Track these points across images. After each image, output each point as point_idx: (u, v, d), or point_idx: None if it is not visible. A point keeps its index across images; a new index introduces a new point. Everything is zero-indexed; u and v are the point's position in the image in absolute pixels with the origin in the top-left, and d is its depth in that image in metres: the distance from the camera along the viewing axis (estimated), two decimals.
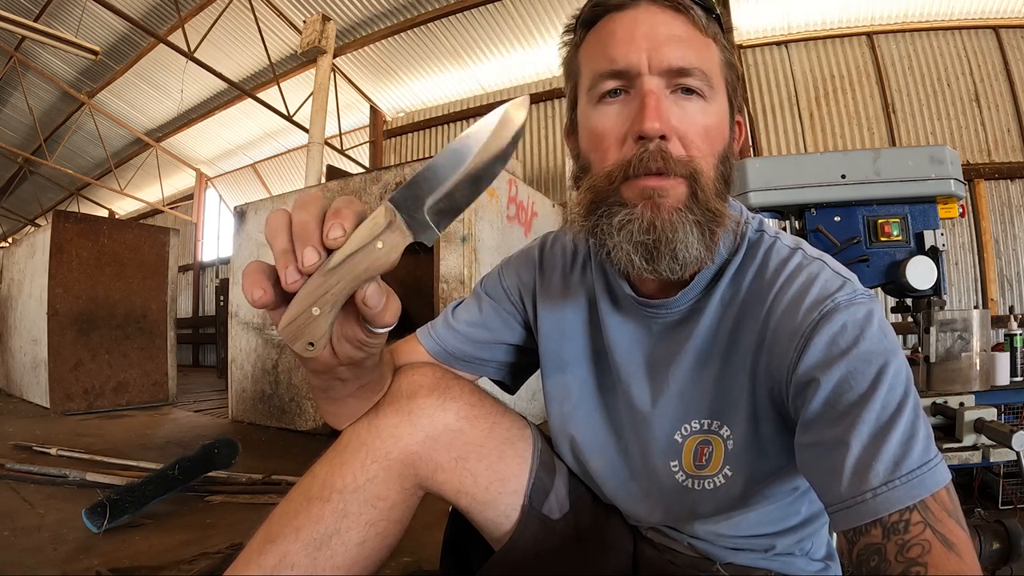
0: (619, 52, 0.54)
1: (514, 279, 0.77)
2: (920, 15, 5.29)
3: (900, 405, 0.46)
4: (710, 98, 0.55)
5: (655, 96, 0.52)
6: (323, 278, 0.41)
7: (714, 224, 0.55)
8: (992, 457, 1.52)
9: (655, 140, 0.52)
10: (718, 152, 0.56)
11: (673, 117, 0.53)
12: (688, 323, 0.62)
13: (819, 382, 0.49)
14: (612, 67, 0.54)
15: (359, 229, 0.41)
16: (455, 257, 3.06)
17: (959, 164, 1.74)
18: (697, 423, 0.62)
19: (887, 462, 0.44)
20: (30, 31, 5.07)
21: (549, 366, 0.74)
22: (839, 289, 0.52)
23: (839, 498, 0.46)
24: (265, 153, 9.26)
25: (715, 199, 0.55)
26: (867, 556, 0.44)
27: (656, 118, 0.51)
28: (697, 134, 0.54)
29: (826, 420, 0.48)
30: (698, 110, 0.54)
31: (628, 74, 0.54)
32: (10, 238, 11.98)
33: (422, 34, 6.22)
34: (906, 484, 0.43)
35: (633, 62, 0.53)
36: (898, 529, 0.43)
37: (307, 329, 0.42)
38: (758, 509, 0.62)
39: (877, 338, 0.49)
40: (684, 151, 0.53)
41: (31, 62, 7.51)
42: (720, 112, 0.56)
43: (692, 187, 0.54)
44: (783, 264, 0.57)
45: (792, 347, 0.52)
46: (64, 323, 4.23)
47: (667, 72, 0.53)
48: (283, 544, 0.56)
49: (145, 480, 1.94)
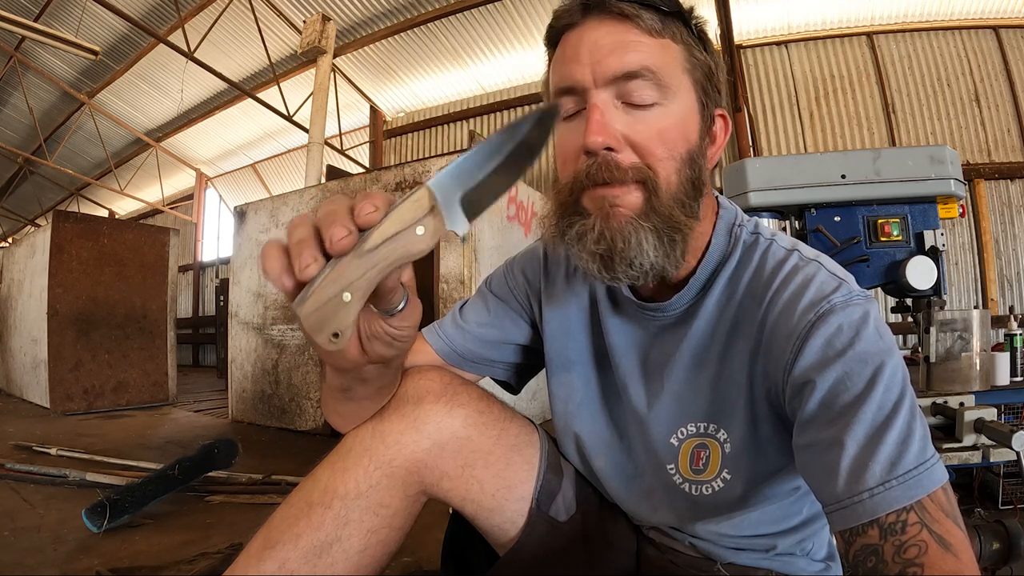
0: (567, 70, 0.55)
1: (520, 279, 0.78)
2: (920, 15, 5.29)
3: (896, 405, 0.47)
4: (666, 99, 0.54)
5: (598, 110, 0.53)
6: (359, 260, 0.37)
7: (673, 231, 0.54)
8: (992, 457, 1.52)
9: (601, 152, 0.52)
10: (679, 155, 0.55)
11: (622, 126, 0.53)
12: (684, 325, 0.62)
13: (815, 383, 0.49)
14: (563, 85, 0.55)
15: (400, 210, 0.38)
16: (455, 257, 3.06)
17: (959, 164, 1.74)
18: (693, 426, 0.62)
19: (883, 462, 0.44)
20: (30, 31, 5.06)
21: (554, 365, 0.74)
22: (835, 290, 0.52)
23: (836, 498, 0.46)
24: (265, 153, 9.26)
25: (674, 206, 0.54)
26: (864, 557, 0.44)
27: (598, 132, 0.52)
28: (650, 140, 0.53)
29: (822, 421, 0.48)
30: (652, 115, 0.54)
31: (576, 90, 0.54)
32: (10, 238, 11.98)
33: (422, 34, 6.22)
34: (903, 484, 0.44)
35: (578, 78, 0.54)
36: (895, 530, 0.43)
37: (335, 317, 0.38)
38: (759, 509, 0.62)
39: (873, 339, 0.49)
40: (638, 159, 0.53)
41: (31, 62, 7.51)
42: (679, 112, 0.55)
43: (647, 193, 0.53)
44: (779, 266, 0.57)
45: (788, 348, 0.52)
46: (64, 323, 4.23)
47: (612, 81, 0.53)
48: (282, 551, 0.55)
49: (145, 480, 1.94)
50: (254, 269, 3.96)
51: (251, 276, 3.94)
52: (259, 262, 0.40)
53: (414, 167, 3.33)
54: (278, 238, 0.40)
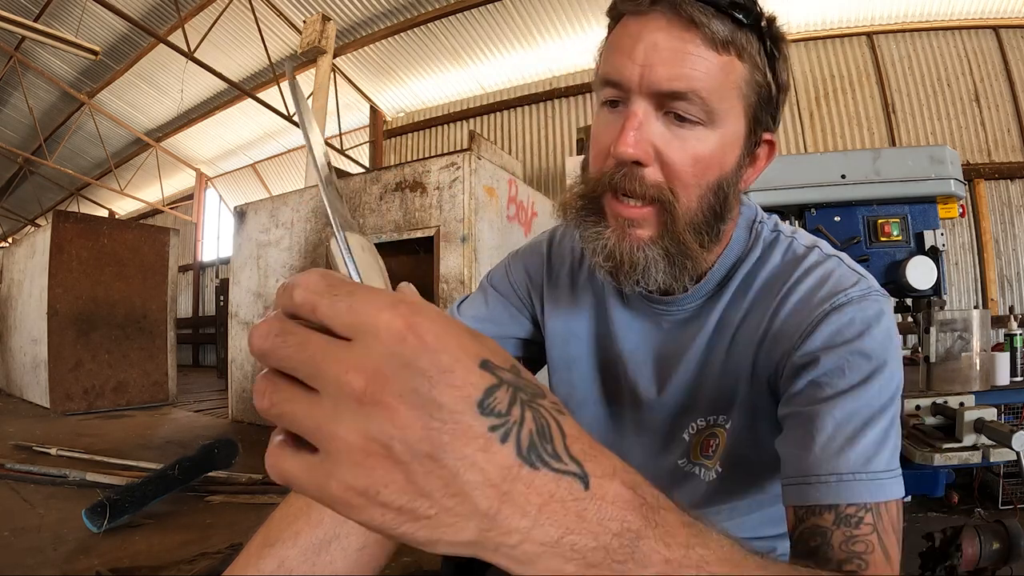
0: (617, 63, 0.52)
1: (522, 274, 0.77)
2: (920, 15, 5.29)
3: (883, 408, 0.48)
4: (711, 124, 0.51)
5: (635, 120, 0.50)
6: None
7: (684, 257, 0.54)
8: (992, 457, 1.52)
9: (628, 164, 0.51)
10: (709, 183, 0.53)
11: (658, 141, 0.51)
12: (699, 320, 0.62)
13: (813, 364, 0.50)
14: (609, 76, 0.53)
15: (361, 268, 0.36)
16: (455, 257, 3.06)
17: (959, 164, 1.74)
18: (703, 420, 0.62)
19: (859, 455, 0.45)
20: (30, 31, 5.07)
21: (555, 363, 0.73)
22: (854, 284, 0.53)
23: (802, 471, 0.47)
24: (265, 153, 9.27)
25: (688, 232, 0.53)
26: (810, 536, 0.45)
27: (630, 144, 0.50)
28: (683, 163, 0.51)
29: (810, 397, 0.49)
30: (693, 136, 0.51)
31: (621, 87, 0.52)
32: (10, 238, 11.98)
33: (422, 34, 6.22)
34: (872, 482, 0.45)
35: (625, 77, 0.51)
36: (850, 522, 0.44)
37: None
38: (760, 511, 0.62)
39: (881, 338, 0.50)
40: (663, 178, 0.52)
41: (31, 62, 7.51)
42: (722, 139, 0.52)
43: (663, 217, 0.52)
44: (798, 261, 0.57)
45: (797, 334, 0.52)
46: (64, 323, 4.23)
47: (656, 94, 0.50)
48: (281, 549, 0.55)
49: (145, 480, 1.94)
50: (254, 269, 3.96)
51: (251, 276, 3.94)
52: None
53: (414, 167, 3.33)
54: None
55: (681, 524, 0.26)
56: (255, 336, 0.24)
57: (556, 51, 6.14)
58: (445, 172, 3.19)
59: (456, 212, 3.11)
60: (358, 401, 0.21)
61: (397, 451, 0.21)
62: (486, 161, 3.32)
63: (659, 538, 0.25)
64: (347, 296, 0.22)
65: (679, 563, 0.25)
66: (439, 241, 3.12)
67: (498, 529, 0.22)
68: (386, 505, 0.21)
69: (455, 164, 3.16)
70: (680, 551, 0.25)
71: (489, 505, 0.22)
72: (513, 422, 0.22)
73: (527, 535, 0.22)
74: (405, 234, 3.24)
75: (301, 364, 0.22)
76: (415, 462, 0.21)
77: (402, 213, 3.30)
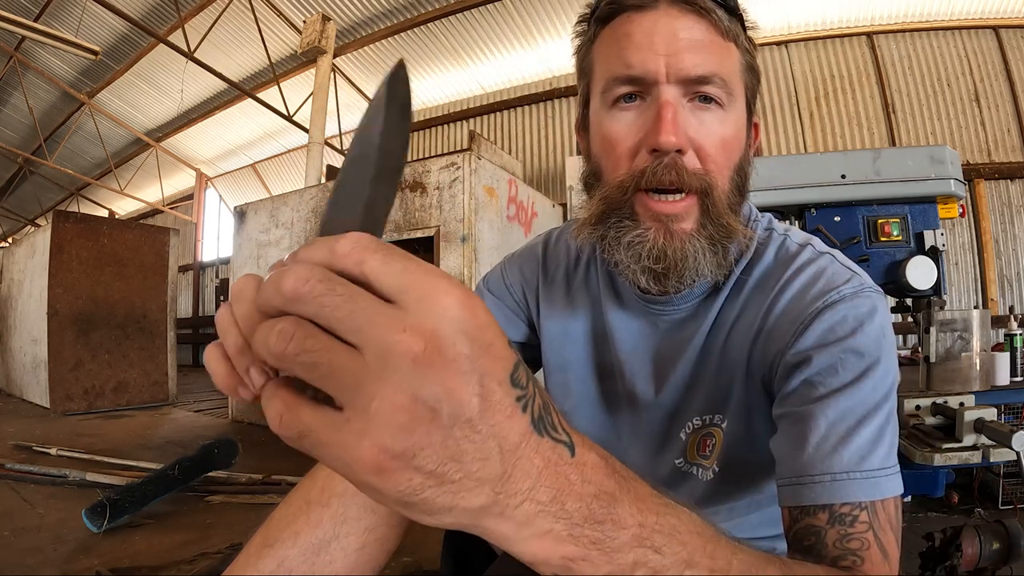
0: (636, 57, 0.51)
1: (517, 277, 0.76)
2: (920, 15, 5.29)
3: (878, 405, 0.47)
4: (728, 106, 0.53)
5: (672, 108, 0.50)
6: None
7: (726, 239, 0.54)
8: (992, 457, 1.52)
9: (670, 153, 0.50)
10: (734, 163, 0.54)
11: (690, 128, 0.51)
12: (695, 319, 0.62)
13: (806, 363, 0.50)
14: (628, 72, 0.52)
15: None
16: (455, 257, 3.06)
17: (959, 164, 1.74)
18: (699, 419, 0.62)
19: (853, 453, 0.45)
20: (30, 31, 5.07)
21: (551, 365, 0.73)
22: (847, 281, 0.53)
23: (796, 472, 0.47)
24: (265, 153, 9.27)
25: (727, 213, 0.54)
26: (805, 535, 0.45)
27: (672, 131, 0.49)
28: (714, 146, 0.52)
29: (803, 396, 0.49)
30: (716, 120, 0.52)
31: (644, 81, 0.51)
32: (10, 238, 11.98)
33: (422, 34, 6.22)
34: (866, 480, 0.45)
35: (650, 69, 0.51)
36: (845, 521, 0.44)
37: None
38: (759, 511, 0.62)
39: (875, 335, 0.50)
40: (699, 164, 0.52)
41: (31, 62, 7.51)
42: (738, 120, 0.54)
43: (704, 203, 0.53)
44: (791, 259, 0.57)
45: (791, 332, 0.52)
46: (64, 323, 4.23)
47: (685, 81, 0.51)
48: (281, 549, 0.55)
49: (145, 480, 1.94)
50: (254, 269, 3.96)
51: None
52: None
53: (414, 167, 3.33)
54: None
55: (650, 494, 0.29)
56: (290, 278, 0.21)
57: (556, 51, 6.13)
58: (445, 172, 3.19)
59: (456, 212, 3.11)
60: (413, 361, 0.20)
61: (443, 414, 0.21)
62: (486, 161, 3.32)
63: (632, 503, 0.27)
64: (403, 257, 0.22)
65: (652, 528, 0.27)
66: (439, 241, 3.12)
67: (506, 492, 0.23)
68: (418, 469, 0.21)
69: (455, 164, 3.16)
70: (652, 516, 0.28)
71: (504, 469, 0.23)
72: (530, 395, 0.24)
73: (528, 495, 0.24)
74: (405, 234, 3.24)
75: (349, 316, 0.21)
76: (456, 427, 0.21)
77: (402, 213, 3.30)
